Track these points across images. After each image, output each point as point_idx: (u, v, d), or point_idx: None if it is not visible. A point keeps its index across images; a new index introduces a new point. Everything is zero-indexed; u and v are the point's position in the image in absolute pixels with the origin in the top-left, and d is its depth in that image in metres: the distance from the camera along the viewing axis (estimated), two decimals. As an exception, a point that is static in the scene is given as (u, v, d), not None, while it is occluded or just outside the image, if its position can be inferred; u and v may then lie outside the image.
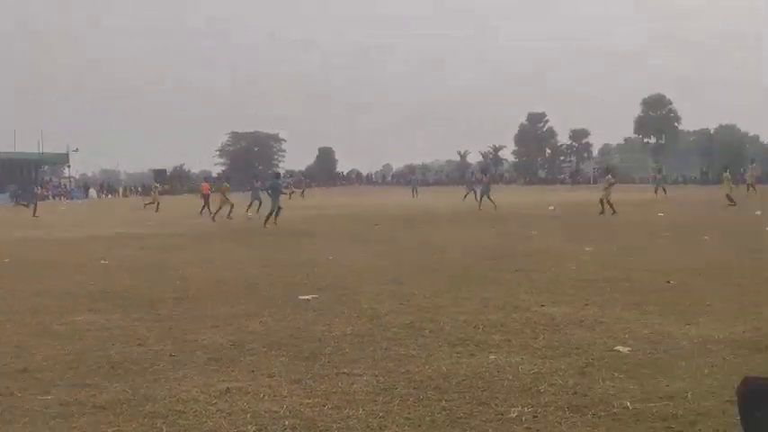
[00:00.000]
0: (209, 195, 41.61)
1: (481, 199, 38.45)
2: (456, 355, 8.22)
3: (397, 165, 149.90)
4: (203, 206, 40.30)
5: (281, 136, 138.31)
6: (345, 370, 7.72)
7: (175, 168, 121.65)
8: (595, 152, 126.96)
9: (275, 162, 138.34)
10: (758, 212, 28.83)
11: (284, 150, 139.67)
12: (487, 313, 10.47)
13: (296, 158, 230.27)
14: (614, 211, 31.06)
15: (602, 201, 32.13)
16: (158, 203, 47.60)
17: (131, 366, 8.10)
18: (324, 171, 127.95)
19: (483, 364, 7.76)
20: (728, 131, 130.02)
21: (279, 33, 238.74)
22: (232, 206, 35.92)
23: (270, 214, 29.33)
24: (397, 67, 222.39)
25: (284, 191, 30.86)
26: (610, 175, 36.02)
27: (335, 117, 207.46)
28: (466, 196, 46.25)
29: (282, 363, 8.11)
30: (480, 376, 7.35)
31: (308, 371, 7.73)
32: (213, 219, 34.49)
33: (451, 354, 8.25)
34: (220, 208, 35.68)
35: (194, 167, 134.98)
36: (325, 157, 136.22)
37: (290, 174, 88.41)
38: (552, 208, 36.43)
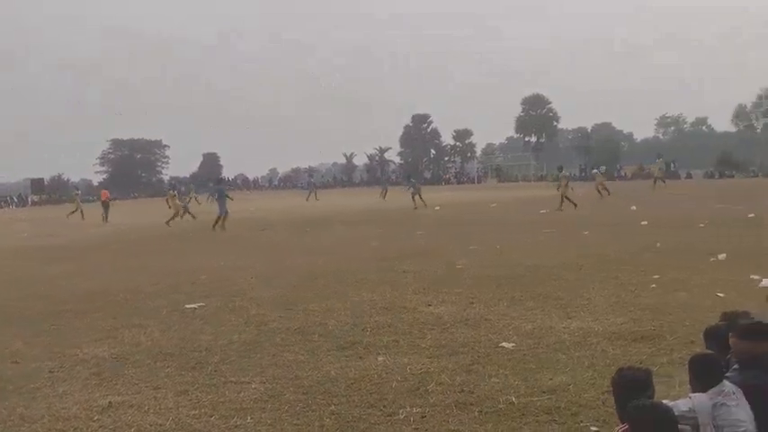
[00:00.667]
0: (108, 202, 41.05)
1: (414, 198, 39.49)
2: (345, 358, 8.24)
3: (283, 169, 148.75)
4: (104, 216, 39.81)
5: (164, 142, 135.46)
6: (233, 379, 7.63)
7: (53, 178, 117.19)
8: (479, 152, 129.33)
9: (158, 169, 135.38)
10: (633, 208, 30.03)
11: (168, 157, 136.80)
12: (376, 315, 10.54)
13: (180, 165, 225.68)
14: (575, 205, 32.42)
15: (562, 196, 33.52)
16: (82, 210, 45.25)
17: (6, 385, 7.77)
18: (209, 177, 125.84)
19: (371, 367, 7.81)
20: (604, 130, 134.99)
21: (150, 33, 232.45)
22: (183, 211, 36.02)
23: (218, 219, 29.50)
24: (281, 71, 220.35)
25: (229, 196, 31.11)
26: (564, 171, 37.86)
27: (221, 122, 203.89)
28: (385, 195, 51.76)
29: (168, 374, 7.94)
30: (369, 379, 7.39)
31: (194, 381, 7.60)
32: (168, 224, 33.75)
33: (340, 357, 8.27)
34: (177, 214, 35.28)
35: (74, 176, 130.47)
36: (211, 162, 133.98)
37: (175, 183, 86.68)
38: (437, 207, 36.99)
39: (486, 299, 11.40)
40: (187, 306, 11.98)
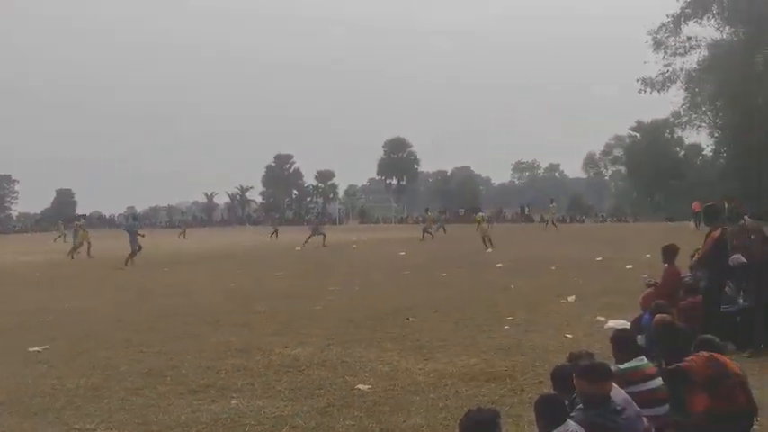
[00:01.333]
0: None
1: (308, 239, 39.27)
2: (197, 402, 8.03)
3: (141, 206, 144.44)
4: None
5: (13, 177, 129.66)
6: (77, 425, 7.30)
7: None
8: (341, 193, 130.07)
9: (7, 205, 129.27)
10: (489, 250, 30.96)
11: (17, 192, 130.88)
12: (231, 357, 10.35)
13: (31, 201, 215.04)
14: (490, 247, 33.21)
15: (483, 239, 34.65)
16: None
17: None
18: (61, 214, 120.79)
19: (224, 410, 7.64)
20: (464, 173, 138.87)
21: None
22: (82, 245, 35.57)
23: (130, 255, 29.46)
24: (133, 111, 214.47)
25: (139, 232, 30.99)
26: (483, 213, 41.38)
27: (76, 158, 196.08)
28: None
29: (6, 421, 7.50)
30: (221, 423, 7.23)
31: (34, 429, 7.22)
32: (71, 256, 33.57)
33: (192, 401, 8.05)
34: (80, 245, 35.17)
35: None
36: (64, 198, 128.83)
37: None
38: (298, 248, 36.87)
39: (344, 340, 11.41)
40: (30, 349, 11.39)
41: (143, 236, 30.89)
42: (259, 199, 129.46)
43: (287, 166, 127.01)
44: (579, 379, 5.38)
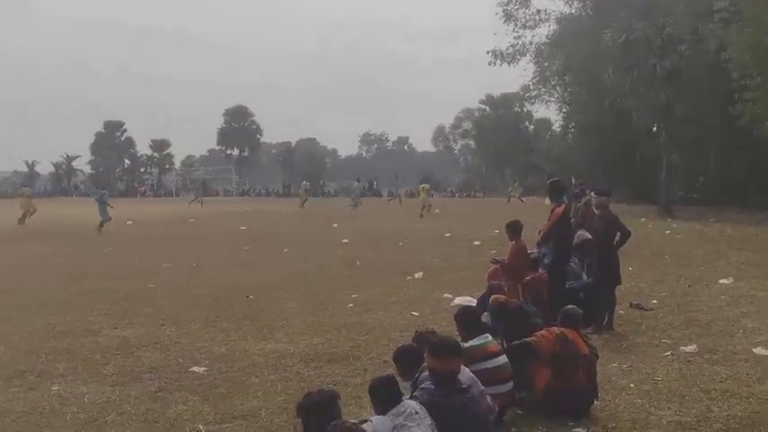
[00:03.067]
0: None
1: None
2: (14, 389, 7.70)
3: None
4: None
5: None
6: None
7: None
8: (177, 164, 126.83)
9: None
10: (335, 225, 31.10)
11: None
12: (53, 340, 9.97)
13: None
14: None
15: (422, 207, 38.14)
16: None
17: None
18: None
19: (44, 397, 7.37)
20: (309, 145, 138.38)
21: None
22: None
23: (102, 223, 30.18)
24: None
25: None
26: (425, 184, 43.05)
27: None
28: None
29: None
30: (40, 411, 6.96)
31: None
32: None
33: (8, 389, 7.70)
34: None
35: None
36: None
37: None
38: (130, 222, 35.75)
39: (178, 320, 11.22)
40: None
41: (112, 207, 31.01)
42: (87, 169, 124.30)
43: (118, 133, 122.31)
44: (430, 356, 5.53)
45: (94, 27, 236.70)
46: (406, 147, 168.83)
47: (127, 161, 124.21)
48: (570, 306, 7.35)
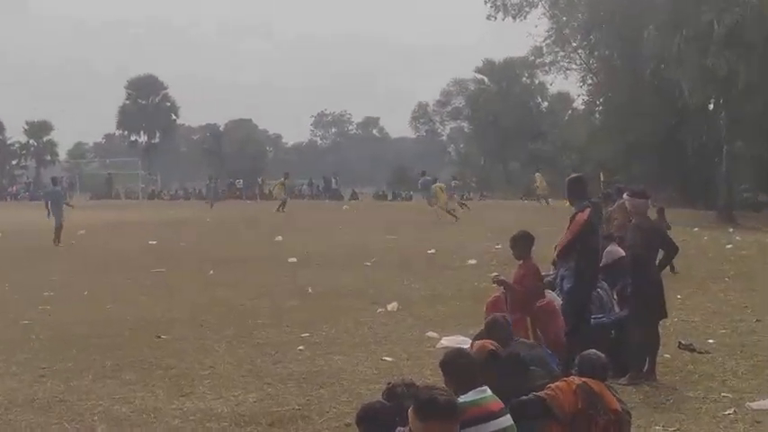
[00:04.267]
0: None
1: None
2: None
3: None
4: None
5: None
6: None
7: None
8: (63, 154, 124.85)
9: None
10: (279, 238, 31.01)
11: None
12: None
13: None
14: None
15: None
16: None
17: None
18: None
19: None
20: (242, 128, 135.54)
21: None
22: None
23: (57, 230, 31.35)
24: None
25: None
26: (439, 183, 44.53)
27: None
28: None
29: None
30: None
31: None
32: None
33: None
34: None
35: None
36: None
37: None
38: (82, 232, 35.47)
39: (63, 369, 11.17)
40: None
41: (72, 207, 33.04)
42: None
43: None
44: (416, 418, 5.48)
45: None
46: (375, 131, 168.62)
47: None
48: (590, 351, 7.31)
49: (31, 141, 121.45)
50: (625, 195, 12.27)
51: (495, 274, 13.60)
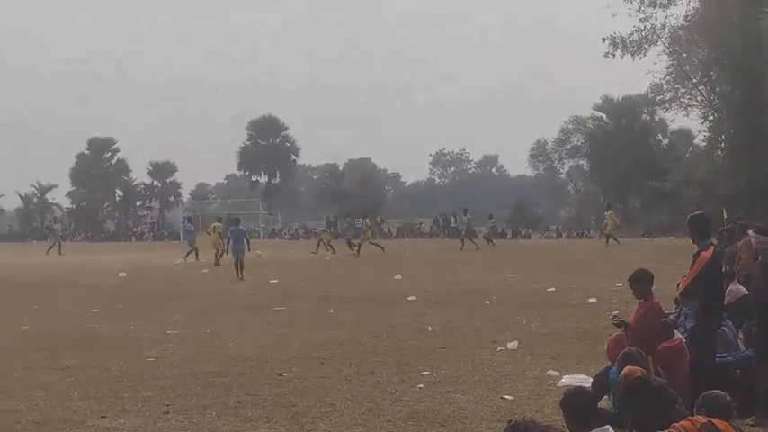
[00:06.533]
0: None
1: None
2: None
3: None
4: None
5: None
6: None
7: None
8: (186, 195, 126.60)
9: None
10: (398, 276, 31.07)
11: None
12: (21, 433, 10.13)
13: None
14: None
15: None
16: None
17: None
18: None
19: None
20: (361, 168, 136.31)
21: None
22: None
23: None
24: None
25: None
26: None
27: None
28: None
29: None
30: None
31: None
32: None
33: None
34: None
35: None
36: None
37: None
38: (123, 274, 36.29)
39: (187, 406, 11.33)
40: None
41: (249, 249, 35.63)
42: (67, 203, 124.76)
43: (107, 155, 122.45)
44: None
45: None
46: (494, 169, 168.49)
47: (119, 192, 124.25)
48: (714, 391, 7.19)
49: (156, 182, 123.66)
50: (750, 232, 12.00)
51: (615, 314, 13.44)
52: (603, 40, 58.50)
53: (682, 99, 63.45)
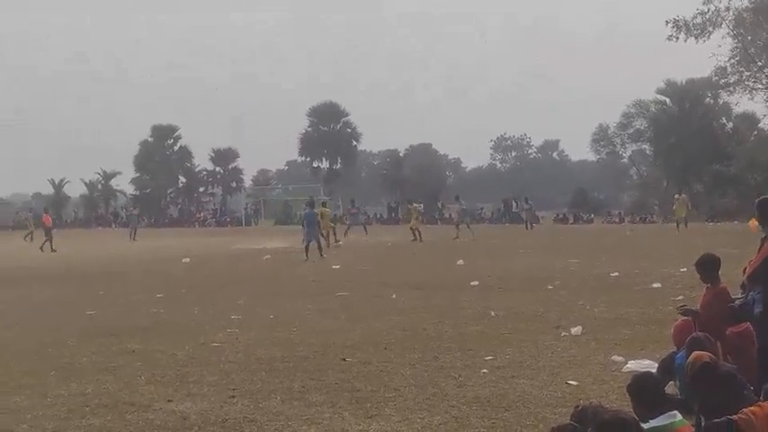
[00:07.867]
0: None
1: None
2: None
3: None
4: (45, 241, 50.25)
5: None
6: None
7: None
8: (247, 181, 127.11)
9: None
10: (461, 262, 31.05)
11: None
12: (89, 416, 10.25)
13: None
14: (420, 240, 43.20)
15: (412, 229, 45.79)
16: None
17: None
18: None
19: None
20: (422, 153, 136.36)
21: None
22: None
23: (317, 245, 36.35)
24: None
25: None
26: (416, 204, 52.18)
27: None
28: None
29: None
30: None
31: None
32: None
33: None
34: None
35: None
36: None
37: None
38: (186, 260, 36.59)
39: (252, 390, 11.39)
40: None
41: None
42: (130, 189, 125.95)
43: (169, 142, 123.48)
44: None
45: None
46: (555, 154, 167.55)
47: (182, 179, 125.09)
48: None
49: (218, 169, 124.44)
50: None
51: (680, 298, 13.32)
52: (667, 23, 58.03)
53: (746, 82, 62.85)
